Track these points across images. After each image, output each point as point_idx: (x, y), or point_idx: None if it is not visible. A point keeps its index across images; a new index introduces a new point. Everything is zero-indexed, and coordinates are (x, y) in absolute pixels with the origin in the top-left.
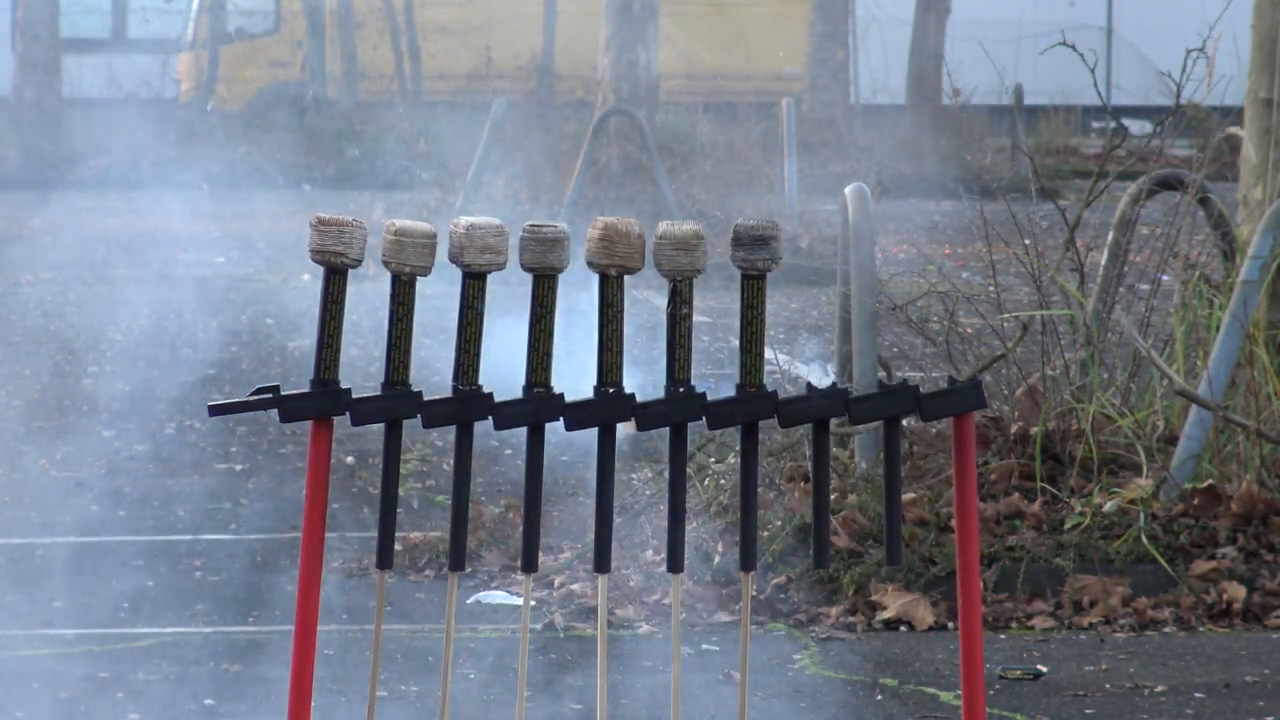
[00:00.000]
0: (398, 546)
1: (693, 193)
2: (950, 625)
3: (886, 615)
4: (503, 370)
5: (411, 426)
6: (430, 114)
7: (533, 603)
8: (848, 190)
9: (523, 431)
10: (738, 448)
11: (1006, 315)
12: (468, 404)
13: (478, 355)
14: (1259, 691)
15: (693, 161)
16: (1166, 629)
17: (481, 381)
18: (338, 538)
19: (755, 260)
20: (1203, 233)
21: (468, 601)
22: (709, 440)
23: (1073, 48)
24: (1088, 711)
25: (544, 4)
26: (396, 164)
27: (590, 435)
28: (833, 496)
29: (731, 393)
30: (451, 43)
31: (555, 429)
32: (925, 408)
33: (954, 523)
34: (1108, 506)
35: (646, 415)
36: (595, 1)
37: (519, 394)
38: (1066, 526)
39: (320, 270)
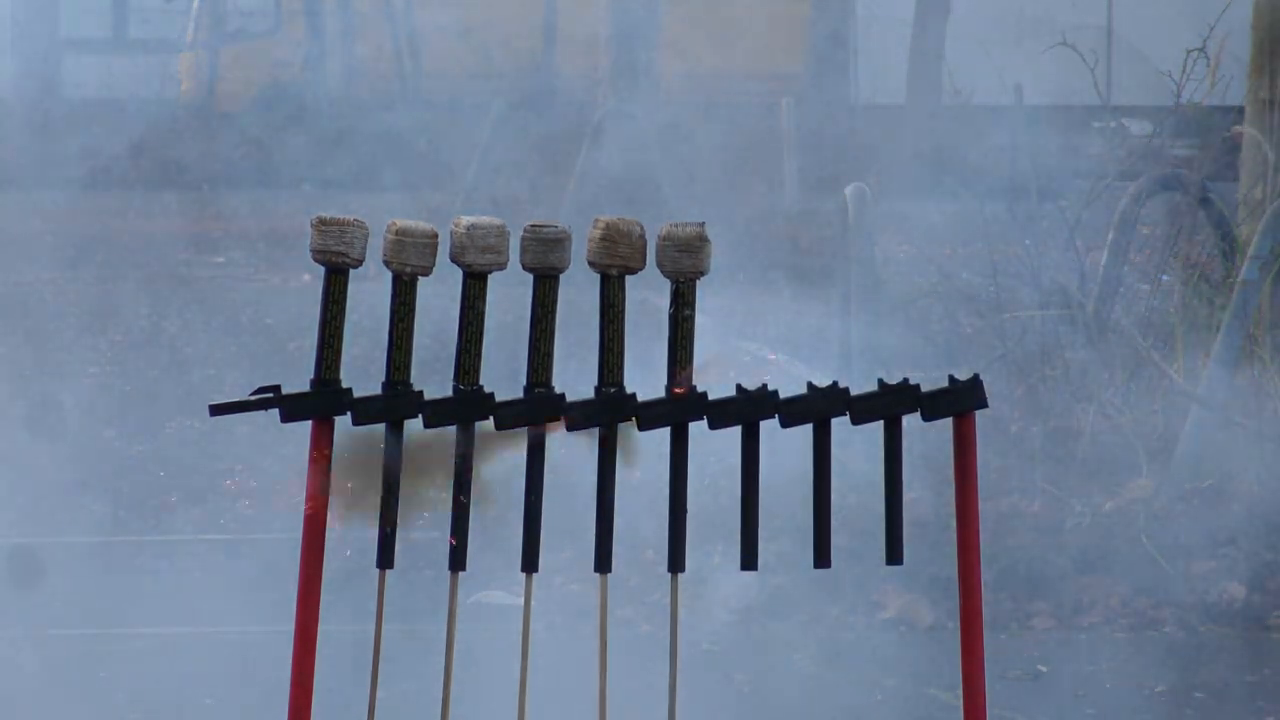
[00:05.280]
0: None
1: (692, 192)
2: (950, 625)
3: (886, 615)
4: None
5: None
6: (431, 113)
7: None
8: (848, 190)
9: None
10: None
11: (1007, 315)
12: (469, 404)
13: (479, 355)
14: (1259, 691)
15: (692, 161)
16: (1166, 629)
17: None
18: (337, 537)
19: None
20: (1203, 233)
21: (468, 601)
22: None
23: (1073, 47)
24: (1088, 711)
25: (544, 4)
26: (397, 164)
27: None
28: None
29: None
30: (452, 42)
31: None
32: (926, 407)
33: (954, 522)
34: (1108, 506)
35: (647, 415)
36: (595, 2)
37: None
38: (1066, 527)
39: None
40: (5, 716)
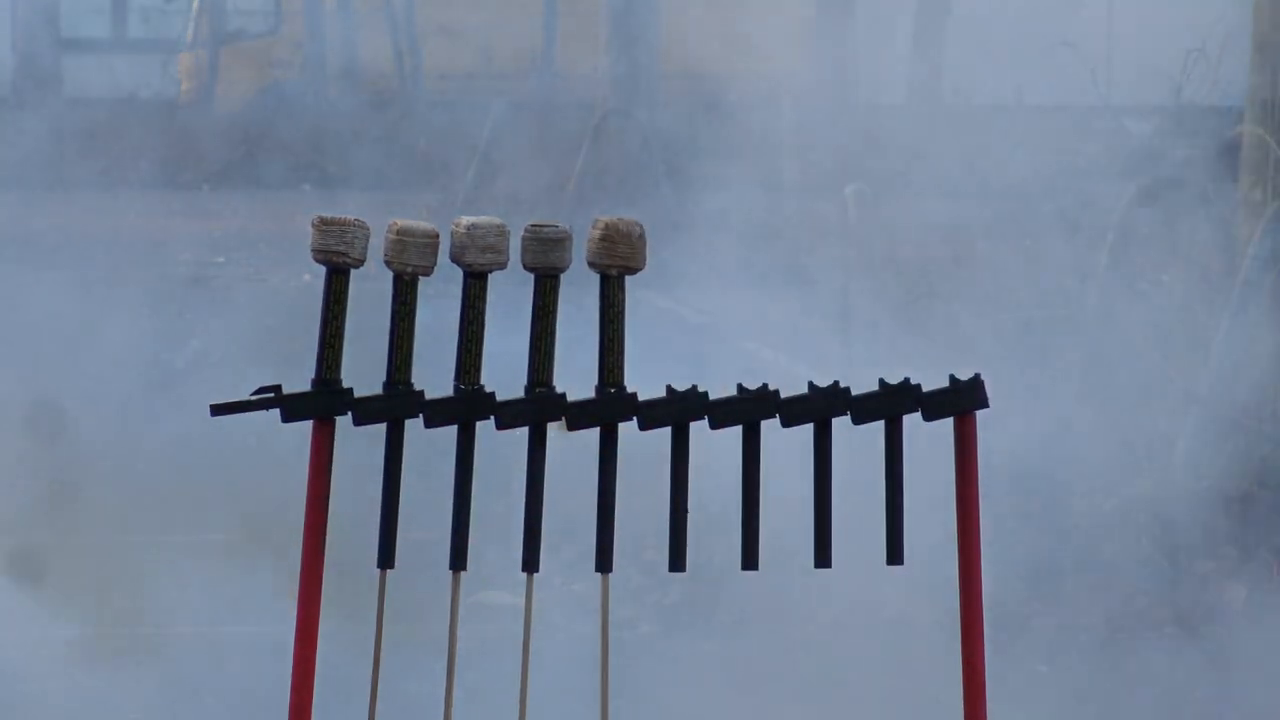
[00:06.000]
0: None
1: (691, 192)
2: (950, 625)
3: (886, 615)
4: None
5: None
6: (430, 114)
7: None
8: (848, 190)
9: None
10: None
11: (1007, 315)
12: (470, 403)
13: (479, 355)
14: (1259, 691)
15: (692, 161)
16: (1166, 629)
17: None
18: (339, 536)
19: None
20: (1203, 233)
21: (468, 601)
22: None
23: (1073, 48)
24: (1088, 711)
25: (544, 4)
26: (397, 164)
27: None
28: None
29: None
30: (452, 42)
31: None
32: (927, 407)
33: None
34: (1107, 506)
35: (649, 415)
36: (595, 1)
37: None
38: (1067, 526)
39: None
40: (6, 716)
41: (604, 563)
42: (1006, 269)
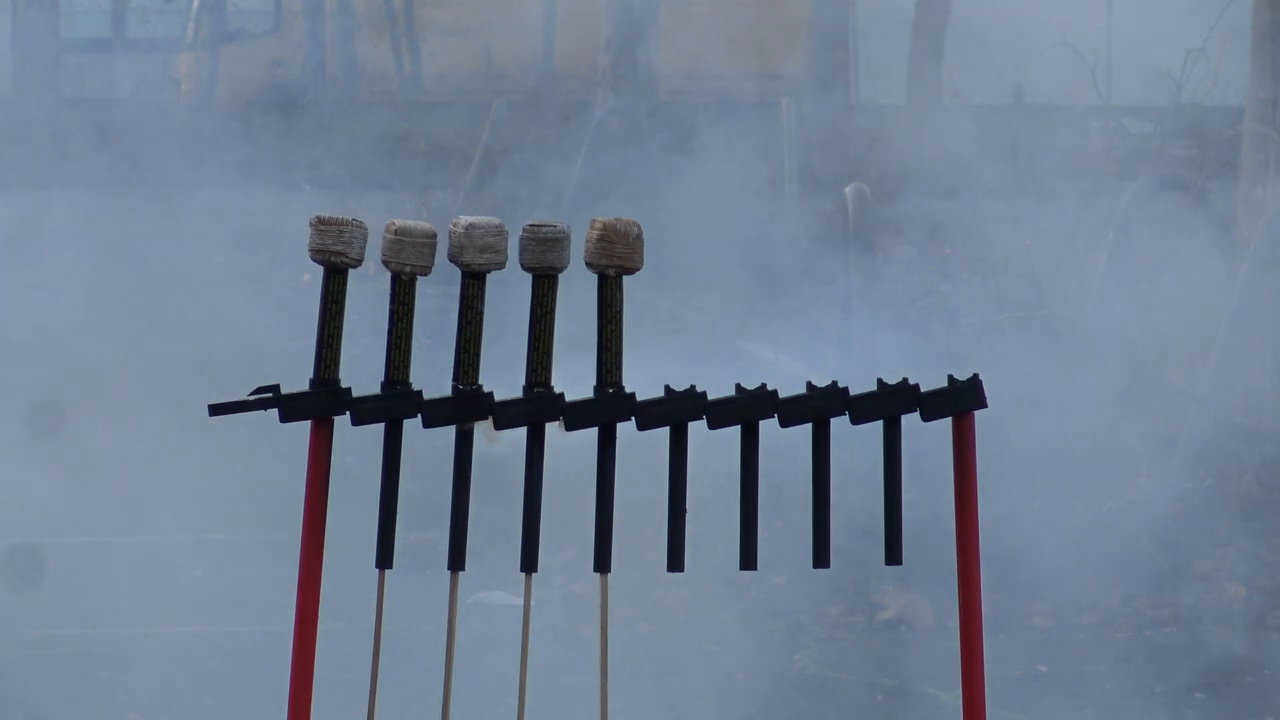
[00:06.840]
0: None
1: (692, 193)
2: (950, 625)
3: (886, 615)
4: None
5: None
6: (430, 114)
7: (533, 603)
8: (848, 190)
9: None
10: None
11: (1006, 315)
12: (468, 403)
13: (477, 355)
14: (1259, 691)
15: (692, 162)
16: (1166, 629)
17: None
18: (338, 536)
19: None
20: (1203, 233)
21: (467, 601)
22: None
23: (1073, 48)
24: (1088, 711)
25: (544, 4)
26: (396, 164)
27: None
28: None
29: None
30: (452, 42)
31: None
32: (926, 407)
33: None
34: (1107, 506)
35: (647, 415)
36: (595, 1)
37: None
38: (1067, 526)
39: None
40: (6, 717)
41: (603, 563)
42: (1006, 268)
